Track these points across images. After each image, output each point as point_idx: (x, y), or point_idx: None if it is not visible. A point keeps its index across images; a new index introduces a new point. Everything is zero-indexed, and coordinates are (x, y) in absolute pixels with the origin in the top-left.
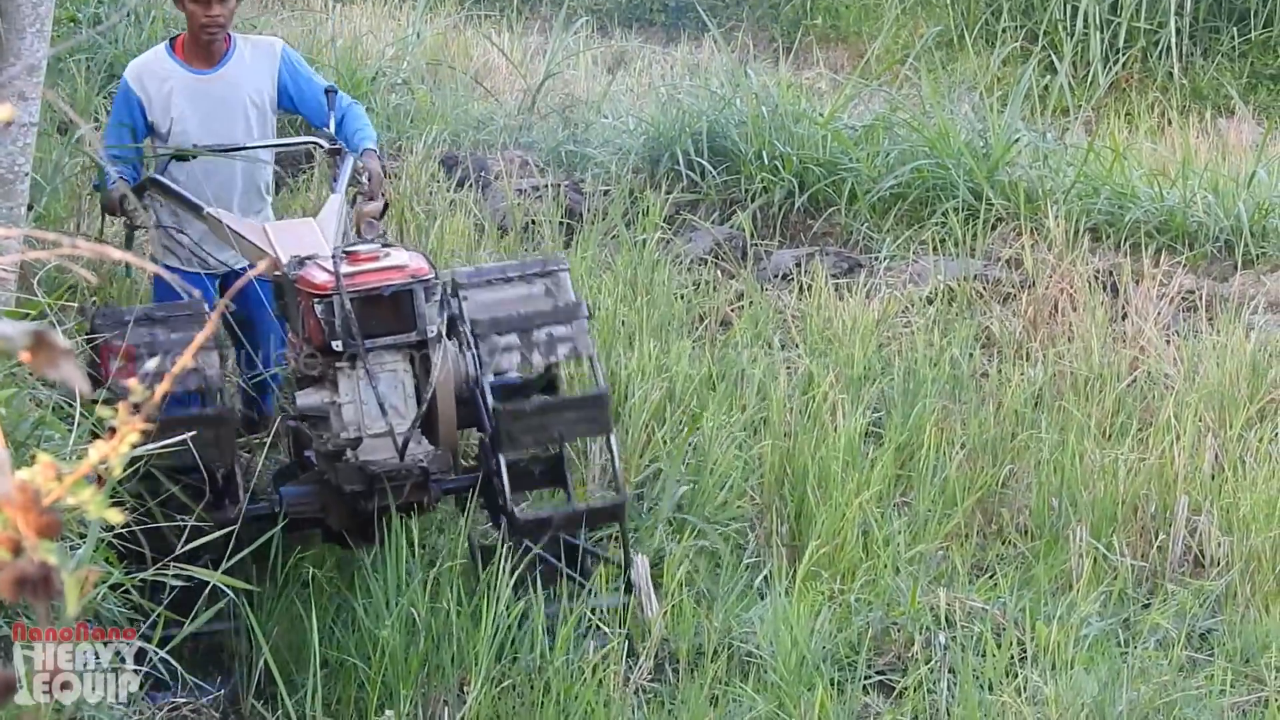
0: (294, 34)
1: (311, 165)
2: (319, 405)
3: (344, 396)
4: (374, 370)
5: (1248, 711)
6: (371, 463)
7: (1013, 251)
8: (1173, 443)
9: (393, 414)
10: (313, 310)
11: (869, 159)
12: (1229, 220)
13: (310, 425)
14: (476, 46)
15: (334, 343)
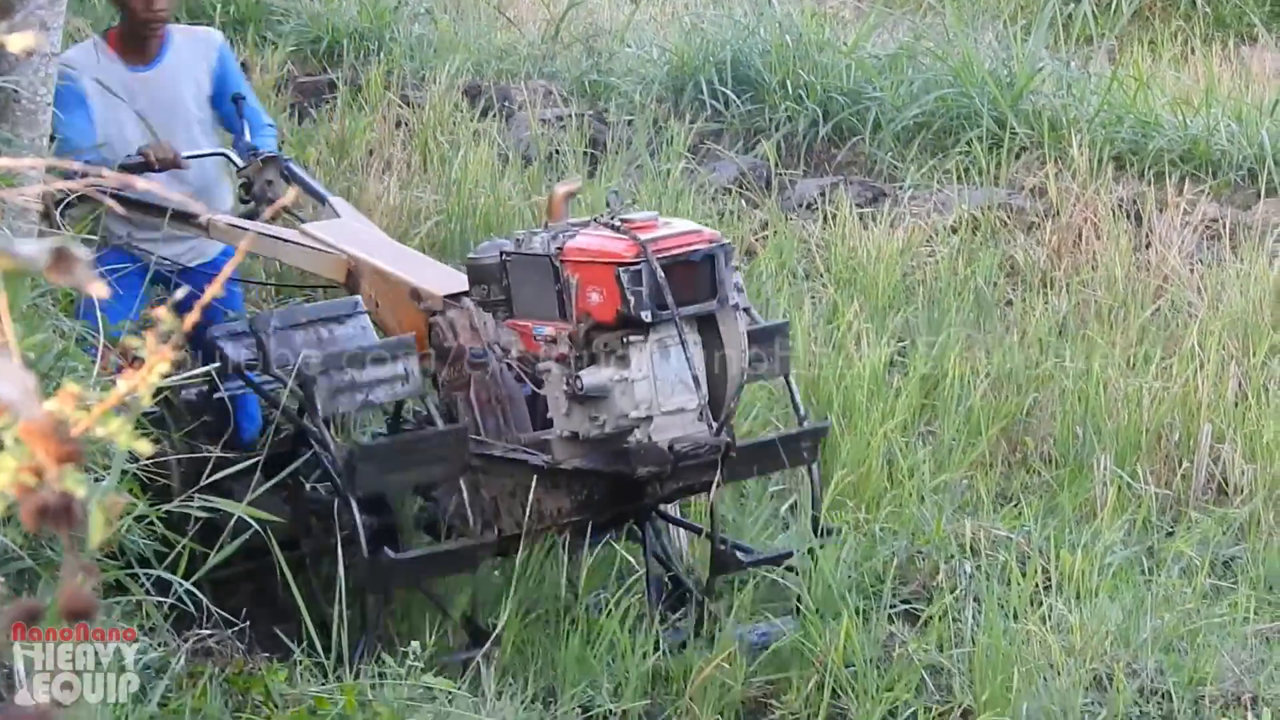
0: None
1: None
2: (605, 384)
3: (636, 372)
4: (673, 342)
5: (1271, 639)
6: (679, 440)
7: (1037, 180)
8: (1196, 371)
9: (689, 390)
10: (596, 284)
11: (893, 88)
12: (1252, 149)
13: (582, 407)
14: None
15: (642, 313)
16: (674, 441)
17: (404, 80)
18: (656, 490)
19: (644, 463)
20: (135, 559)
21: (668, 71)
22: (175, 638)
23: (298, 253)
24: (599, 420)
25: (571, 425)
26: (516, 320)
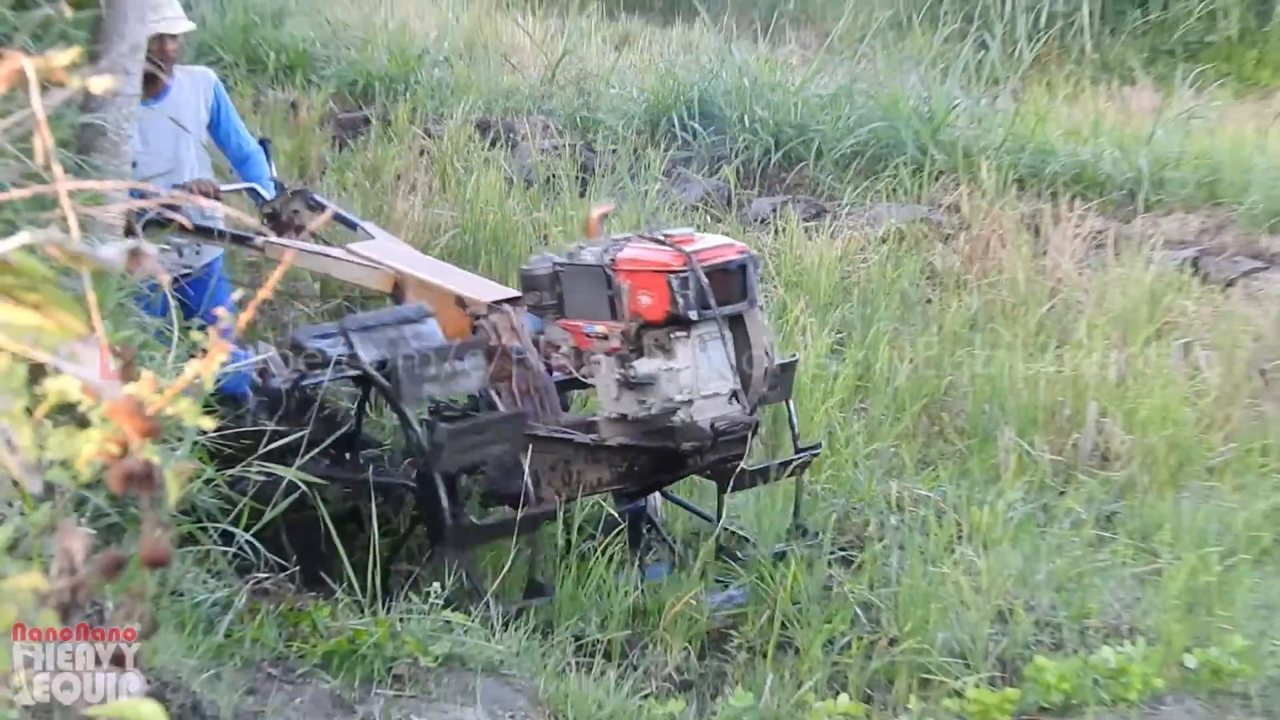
0: (353, 18)
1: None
2: (654, 372)
3: (680, 363)
4: (711, 337)
5: (1144, 579)
6: (718, 419)
7: (952, 199)
8: (1084, 358)
9: (724, 377)
10: (647, 288)
11: (833, 122)
12: (1131, 172)
13: (632, 392)
14: (505, 29)
15: (689, 313)
16: (714, 420)
17: (426, 116)
18: (697, 461)
19: (688, 438)
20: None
21: (645, 108)
22: (238, 580)
23: (347, 268)
24: (647, 403)
25: (620, 407)
26: (568, 321)
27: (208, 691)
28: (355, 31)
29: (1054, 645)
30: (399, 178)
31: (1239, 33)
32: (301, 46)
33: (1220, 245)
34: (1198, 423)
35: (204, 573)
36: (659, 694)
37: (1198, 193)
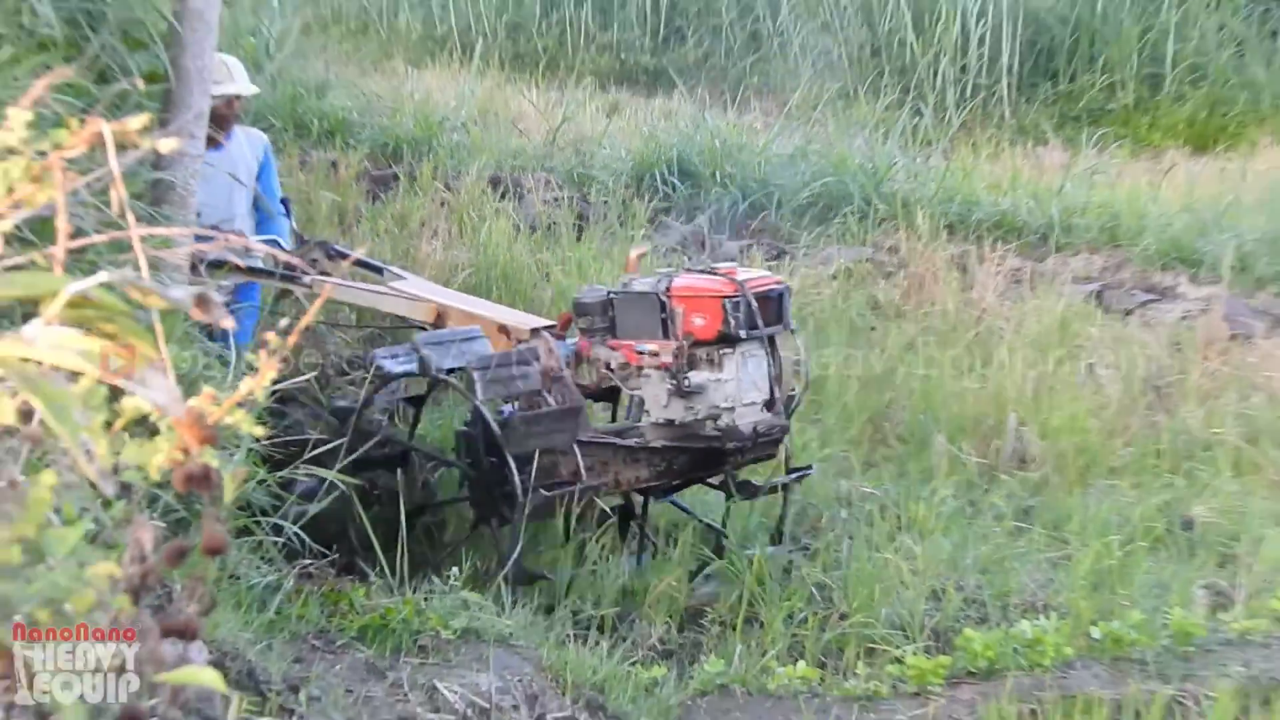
0: (384, 90)
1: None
2: (704, 382)
3: (726, 375)
4: (755, 353)
5: (1056, 563)
6: (760, 422)
7: (893, 242)
8: (1005, 376)
9: (760, 389)
10: (701, 311)
11: (791, 177)
12: (1044, 219)
13: (682, 399)
14: (513, 99)
15: (740, 332)
16: (755, 424)
17: (446, 173)
18: (737, 459)
19: (731, 439)
20: (258, 510)
21: (632, 166)
22: (286, 565)
23: (394, 301)
24: (694, 409)
25: (669, 413)
26: (619, 341)
27: (261, 660)
28: (386, 102)
29: (980, 619)
30: (423, 225)
31: (1134, 102)
32: (341, 114)
33: (1120, 280)
34: (1101, 430)
35: (257, 559)
36: (644, 661)
37: (1100, 236)
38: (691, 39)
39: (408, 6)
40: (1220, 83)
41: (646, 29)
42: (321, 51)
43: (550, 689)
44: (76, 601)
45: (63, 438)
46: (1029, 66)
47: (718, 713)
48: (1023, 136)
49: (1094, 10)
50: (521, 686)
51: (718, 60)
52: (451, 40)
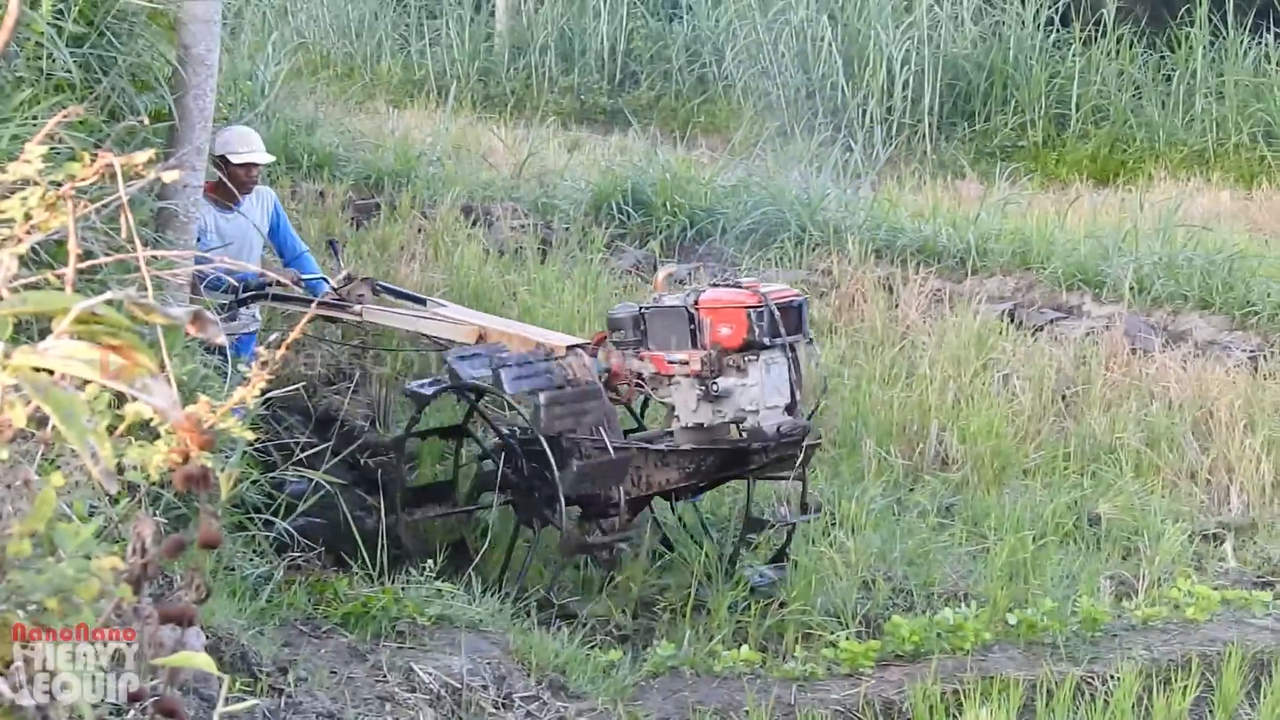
0: (367, 128)
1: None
2: (731, 387)
3: (751, 380)
4: (777, 360)
5: (976, 556)
6: (784, 424)
7: (826, 265)
8: (927, 386)
9: (781, 393)
10: (728, 321)
11: (734, 206)
12: (962, 244)
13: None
14: (483, 136)
15: (764, 340)
16: (778, 425)
17: (423, 202)
18: (762, 459)
19: (757, 439)
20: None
21: (591, 196)
22: (276, 558)
23: (438, 325)
24: (722, 412)
25: (698, 417)
26: (650, 352)
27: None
28: (369, 138)
29: (907, 607)
30: (402, 249)
31: (1043, 139)
32: (328, 150)
33: (1030, 300)
34: (1015, 435)
35: (250, 552)
36: (603, 646)
37: (1013, 260)
38: (645, 82)
39: (389, 52)
40: (1120, 122)
41: (604, 73)
42: (311, 93)
43: (516, 671)
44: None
45: (71, 441)
46: (948, 107)
47: (668, 692)
48: (943, 170)
49: (1006, 57)
50: (490, 668)
51: (668, 101)
52: (428, 83)
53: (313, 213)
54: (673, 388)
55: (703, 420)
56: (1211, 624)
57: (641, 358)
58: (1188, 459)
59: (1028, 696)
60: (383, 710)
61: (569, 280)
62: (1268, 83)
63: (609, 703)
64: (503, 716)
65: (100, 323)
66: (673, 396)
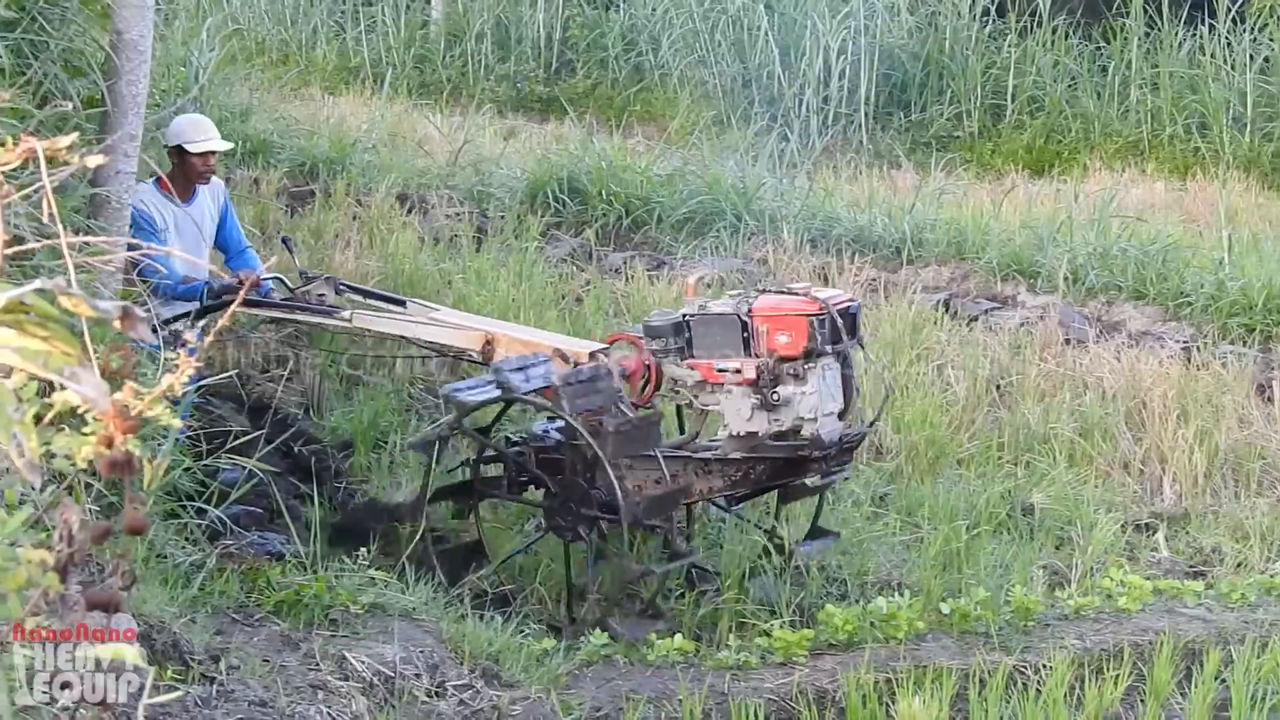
0: (302, 115)
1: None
2: (790, 395)
3: (810, 388)
4: (832, 366)
5: (909, 545)
6: (839, 430)
7: (761, 254)
8: (863, 375)
9: (835, 399)
10: (786, 329)
11: (670, 195)
12: (897, 234)
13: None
14: (419, 124)
15: (825, 347)
16: (836, 432)
17: (358, 190)
18: (821, 466)
19: (818, 447)
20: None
21: (527, 184)
22: (209, 546)
23: (436, 331)
24: (779, 420)
25: (752, 426)
26: (696, 360)
27: (185, 632)
28: (304, 125)
29: (840, 596)
30: (337, 236)
31: (979, 130)
32: (263, 136)
33: (965, 290)
34: (949, 425)
35: (183, 540)
36: (536, 635)
37: (948, 250)
38: (581, 71)
39: (324, 39)
40: (1055, 113)
41: (540, 61)
42: (245, 79)
43: (449, 659)
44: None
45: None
46: (884, 97)
47: (602, 681)
48: (878, 160)
49: (943, 48)
50: (423, 657)
51: (605, 90)
52: (364, 70)
53: (247, 200)
54: (722, 396)
55: (756, 429)
56: (1144, 614)
57: (685, 365)
58: (1121, 449)
59: (960, 685)
60: (315, 699)
61: (504, 268)
62: (1202, 75)
63: (542, 691)
64: (435, 705)
65: (27, 311)
66: (721, 405)
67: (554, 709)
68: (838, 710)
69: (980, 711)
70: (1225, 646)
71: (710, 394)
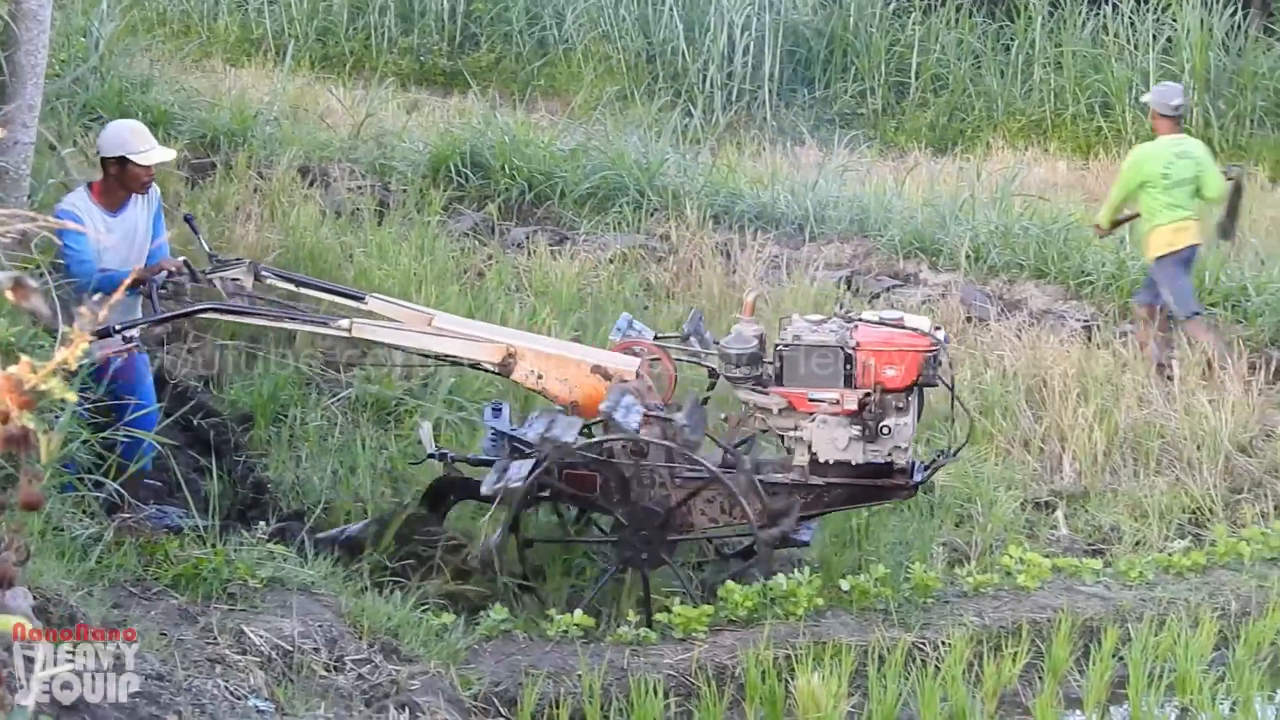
0: (204, 86)
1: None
2: (895, 425)
3: (908, 418)
4: (914, 398)
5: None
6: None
7: (664, 230)
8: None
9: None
10: (894, 363)
11: (573, 170)
12: (801, 211)
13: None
14: (322, 96)
15: (932, 381)
16: (921, 460)
17: (260, 162)
18: (910, 494)
19: (911, 475)
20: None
21: (429, 158)
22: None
23: (450, 343)
24: (878, 450)
25: (847, 455)
26: (786, 390)
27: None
28: (205, 97)
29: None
30: (238, 209)
31: (882, 107)
32: (163, 108)
33: (868, 267)
34: None
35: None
36: (435, 609)
37: (850, 227)
38: (485, 44)
39: (226, 10)
40: (959, 91)
41: (444, 35)
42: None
43: (348, 634)
44: None
45: None
46: (788, 74)
47: (501, 655)
48: (782, 137)
49: (847, 25)
50: (322, 631)
51: (508, 64)
52: (266, 42)
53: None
54: (808, 423)
55: (851, 458)
56: (1042, 591)
57: (771, 393)
58: (1021, 427)
59: (860, 662)
60: (213, 672)
61: (406, 242)
62: (1105, 54)
63: (441, 666)
64: (334, 679)
65: None
66: (809, 433)
67: (453, 683)
68: (737, 686)
69: (879, 688)
70: (1123, 624)
71: (788, 419)
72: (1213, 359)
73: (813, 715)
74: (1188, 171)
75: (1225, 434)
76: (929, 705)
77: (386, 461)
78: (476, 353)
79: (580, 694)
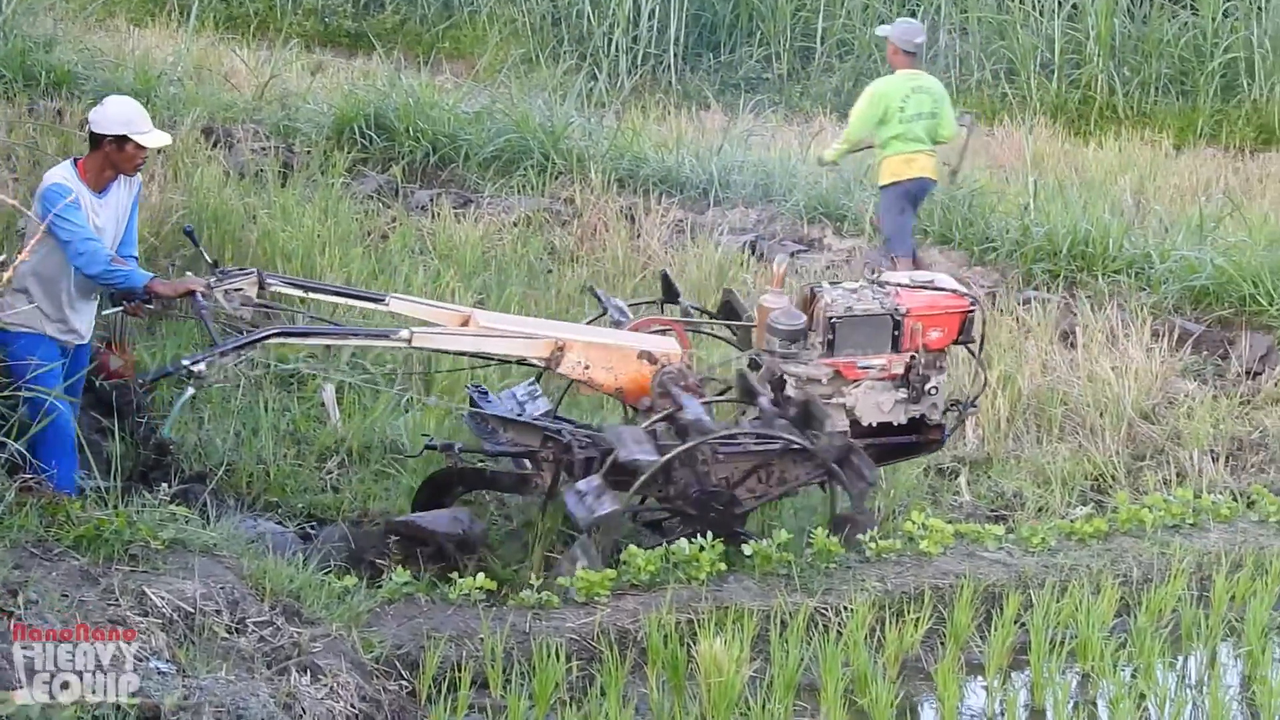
0: (107, 46)
1: None
2: (938, 384)
3: (940, 379)
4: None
5: None
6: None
7: (569, 193)
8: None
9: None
10: (939, 326)
11: (478, 133)
12: (705, 175)
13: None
14: (226, 57)
15: (970, 343)
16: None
17: (163, 122)
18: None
19: (944, 432)
20: None
21: (333, 120)
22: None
23: (504, 343)
24: (916, 409)
25: (890, 417)
26: (835, 359)
27: None
28: (109, 56)
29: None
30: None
31: (788, 72)
32: (67, 67)
33: (772, 232)
34: None
35: None
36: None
37: (755, 192)
38: (389, 6)
39: None
40: (865, 56)
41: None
42: (49, 10)
43: (250, 596)
44: None
45: None
46: (694, 38)
47: (403, 619)
48: (687, 101)
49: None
50: (224, 593)
51: (414, 26)
52: (170, 2)
53: (50, 131)
54: (853, 390)
55: (893, 419)
56: (945, 557)
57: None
58: None
59: (762, 627)
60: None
61: (310, 204)
62: (1011, 20)
63: (343, 628)
64: (235, 641)
65: None
66: (853, 399)
67: (354, 646)
68: (639, 650)
69: (781, 652)
70: (1025, 590)
71: (830, 388)
72: None
73: (714, 679)
74: (924, 106)
75: (1128, 401)
76: (831, 670)
77: (289, 424)
78: (527, 350)
79: (482, 657)
